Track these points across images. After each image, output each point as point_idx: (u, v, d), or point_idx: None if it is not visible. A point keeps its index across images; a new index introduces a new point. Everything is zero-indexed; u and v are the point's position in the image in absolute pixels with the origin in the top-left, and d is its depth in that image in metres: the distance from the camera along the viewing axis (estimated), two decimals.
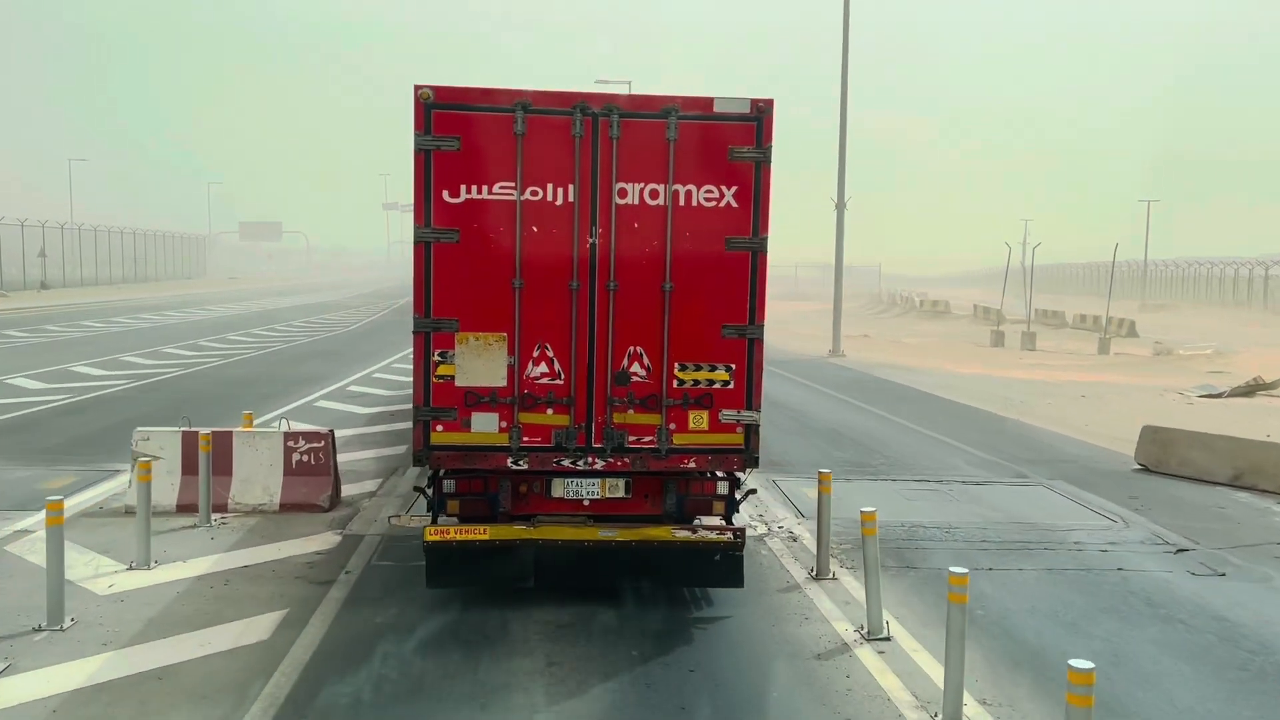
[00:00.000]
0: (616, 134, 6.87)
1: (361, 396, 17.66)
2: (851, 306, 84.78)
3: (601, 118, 6.87)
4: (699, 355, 7.10)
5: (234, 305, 47.89)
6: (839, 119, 28.09)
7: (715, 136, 6.94)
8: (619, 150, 6.88)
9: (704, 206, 6.96)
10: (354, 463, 12.13)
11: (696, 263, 7.00)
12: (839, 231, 28.37)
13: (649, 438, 7.09)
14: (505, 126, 6.81)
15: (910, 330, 49.43)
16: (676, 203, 6.93)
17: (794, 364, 26.25)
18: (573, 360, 7.01)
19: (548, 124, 6.85)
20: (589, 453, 7.08)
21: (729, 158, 6.92)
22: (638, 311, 7.00)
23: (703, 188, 6.95)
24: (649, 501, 7.44)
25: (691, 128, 6.91)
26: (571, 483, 7.29)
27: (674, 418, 7.10)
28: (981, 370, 27.35)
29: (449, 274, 6.90)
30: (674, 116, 6.87)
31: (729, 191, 6.96)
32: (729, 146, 6.92)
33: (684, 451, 7.15)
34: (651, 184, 6.93)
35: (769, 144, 6.96)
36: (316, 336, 30.58)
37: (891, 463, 13.09)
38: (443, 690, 6.01)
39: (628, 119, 6.90)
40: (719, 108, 6.94)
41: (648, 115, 6.93)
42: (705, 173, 6.93)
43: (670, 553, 7.20)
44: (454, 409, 6.98)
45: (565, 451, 7.07)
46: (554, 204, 6.88)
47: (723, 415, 7.19)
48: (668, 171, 6.90)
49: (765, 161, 6.97)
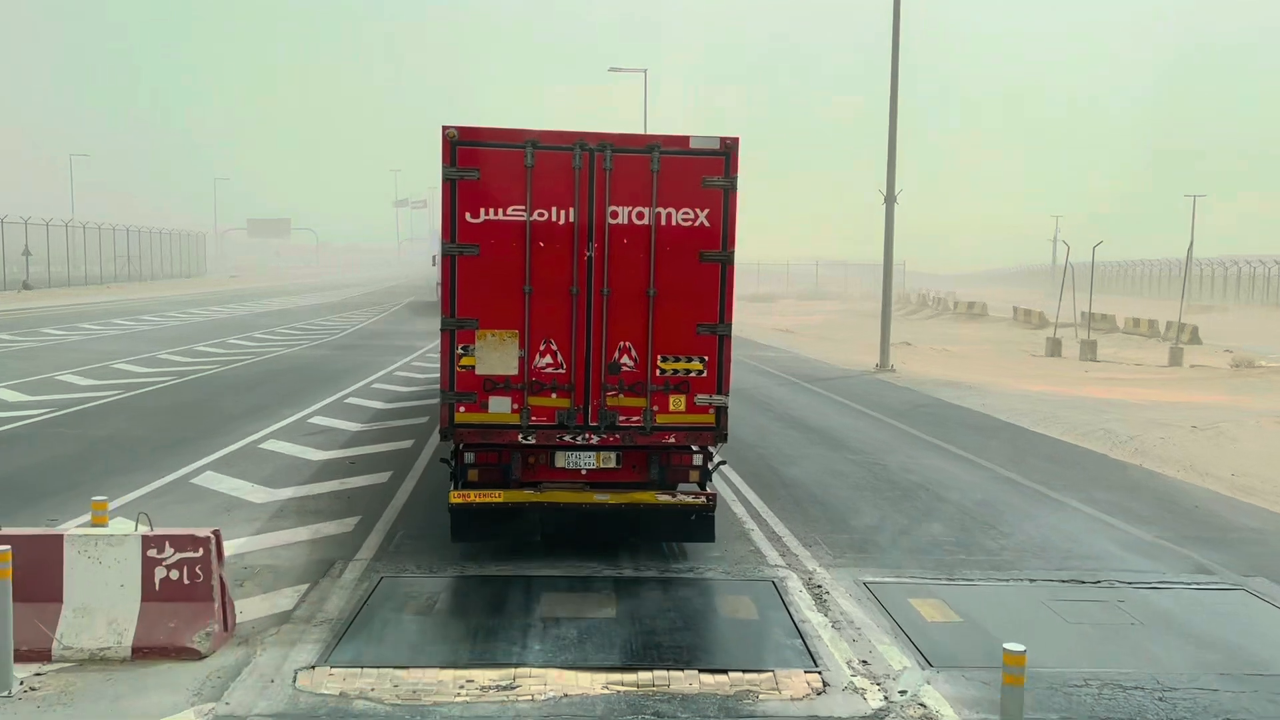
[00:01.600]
0: (609, 166, 8.22)
1: (322, 433, 14.31)
2: (876, 307, 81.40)
3: (597, 152, 8.20)
4: (678, 349, 8.43)
5: (220, 308, 44.66)
6: (889, 106, 24.62)
7: (691, 168, 8.26)
8: (611, 179, 8.23)
9: (681, 226, 8.29)
10: (275, 550, 8.76)
11: (675, 272, 8.33)
12: (888, 227, 24.90)
13: (636, 418, 8.43)
14: (517, 160, 8.14)
15: (949, 335, 45.84)
16: (659, 222, 8.28)
17: (841, 382, 22.77)
18: (573, 353, 8.34)
19: (552, 158, 8.19)
20: (586, 430, 8.41)
21: (702, 185, 8.25)
22: (626, 312, 8.35)
23: (680, 210, 8.28)
24: (636, 471, 8.67)
25: (671, 160, 8.25)
26: (572, 455, 8.56)
27: (657, 401, 8.43)
28: (1051, 387, 23.84)
29: (470, 281, 8.21)
30: (656, 152, 8.24)
31: (702, 213, 8.28)
32: (702, 176, 8.25)
33: (665, 429, 8.47)
34: (638, 207, 8.28)
35: (735, 174, 8.29)
36: (295, 347, 27.25)
37: (1016, 544, 9.64)
38: None
39: (618, 154, 8.22)
40: (694, 144, 8.26)
41: (635, 150, 8.25)
42: (682, 197, 8.27)
43: (654, 513, 8.56)
44: (474, 393, 8.28)
45: (567, 429, 8.39)
46: (557, 223, 8.23)
47: (698, 399, 8.47)
48: (652, 197, 8.26)
49: (732, 188, 8.29)
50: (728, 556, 8.91)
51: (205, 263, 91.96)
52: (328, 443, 13.53)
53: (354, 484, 11.23)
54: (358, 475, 11.62)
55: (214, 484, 11.06)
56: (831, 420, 16.77)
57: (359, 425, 14.97)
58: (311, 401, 17.03)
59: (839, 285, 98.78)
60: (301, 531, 9.35)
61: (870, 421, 16.91)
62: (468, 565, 8.48)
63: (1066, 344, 35.52)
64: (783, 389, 20.95)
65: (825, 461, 13.22)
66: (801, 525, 10.02)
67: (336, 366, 22.55)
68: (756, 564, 8.77)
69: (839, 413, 17.78)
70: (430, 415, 15.77)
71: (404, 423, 15.29)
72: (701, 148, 8.27)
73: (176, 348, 25.60)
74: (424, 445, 13.42)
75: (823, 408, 18.39)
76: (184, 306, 44.76)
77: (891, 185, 24.58)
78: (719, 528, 8.88)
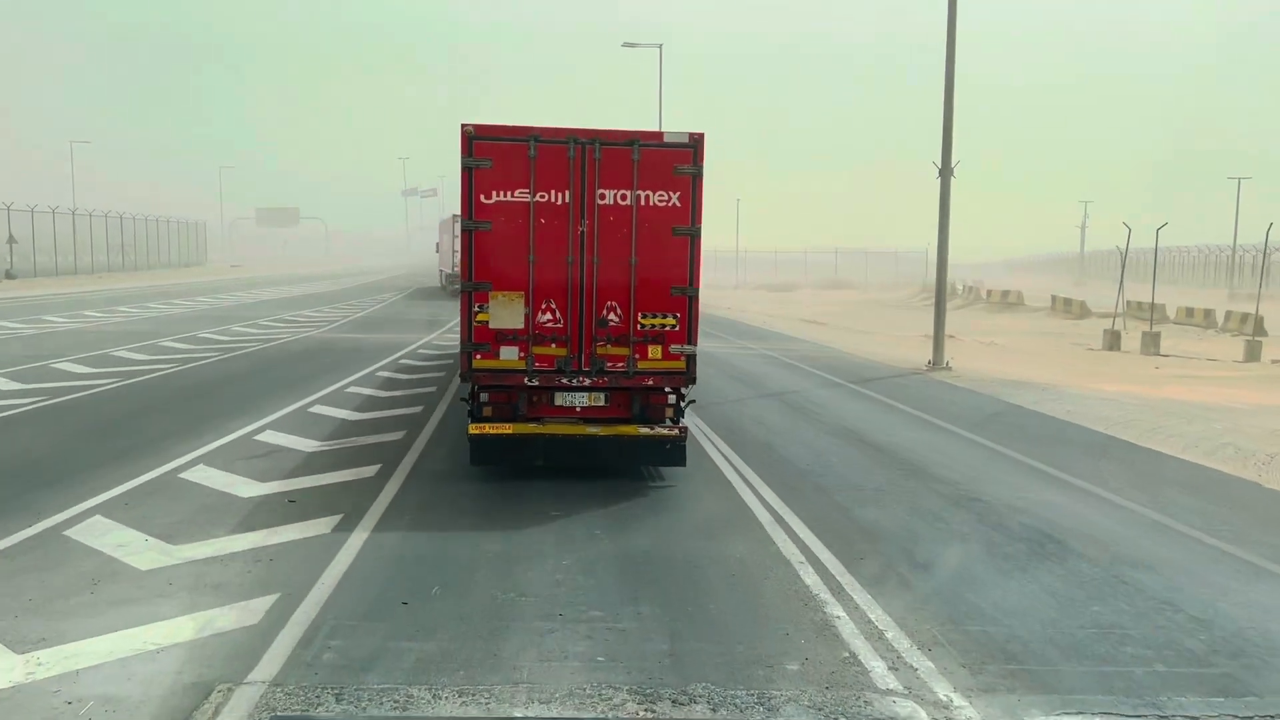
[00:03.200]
0: (598, 157, 9.83)
1: (266, 457, 11.38)
2: (901, 296, 77.97)
3: (588, 145, 9.81)
4: (655, 307, 10.00)
5: (207, 298, 41.89)
6: (944, 69, 21.53)
7: (665, 158, 9.85)
8: (600, 168, 9.84)
9: (657, 206, 9.90)
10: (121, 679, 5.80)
11: (652, 244, 9.91)
12: (943, 202, 21.77)
13: (621, 364, 10.08)
14: (522, 152, 9.75)
15: (990, 326, 42.65)
16: (639, 203, 9.88)
17: (894, 383, 19.73)
18: (569, 310, 9.97)
19: (551, 150, 9.79)
20: (580, 374, 10.06)
21: (674, 172, 9.86)
22: (613, 277, 9.96)
23: (656, 193, 9.88)
24: (621, 408, 10.28)
25: (649, 152, 9.85)
26: (568, 395, 10.20)
27: (638, 350, 10.05)
28: (1128, 387, 20.79)
29: (484, 251, 9.85)
30: (637, 145, 9.84)
31: (674, 195, 9.88)
32: (674, 165, 9.85)
33: (645, 373, 10.09)
34: (622, 190, 9.88)
35: (701, 163, 9.85)
36: (272, 340, 24.38)
37: (1223, 640, 6.61)
38: None
39: (605, 146, 9.83)
40: (667, 139, 9.94)
41: (619, 144, 9.84)
42: (658, 182, 9.87)
43: (636, 443, 10.16)
44: (488, 344, 9.93)
45: (564, 373, 10.05)
46: (555, 204, 9.85)
47: (672, 348, 10.06)
48: (633, 182, 9.86)
49: (698, 175, 9.88)
50: (813, 672, 5.94)
51: (206, 252, 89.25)
52: (269, 471, 10.59)
53: (282, 540, 8.29)
54: (294, 520, 8.69)
55: (93, 540, 8.15)
56: (898, 435, 13.75)
57: (315, 444, 12.04)
58: (264, 413, 14.11)
59: (859, 274, 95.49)
60: (182, 626, 6.40)
61: (946, 437, 13.88)
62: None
63: (1125, 336, 32.37)
64: (828, 392, 17.95)
65: (909, 497, 10.23)
66: (907, 608, 7.02)
67: (303, 370, 19.67)
68: (857, 686, 5.78)
69: (904, 425, 14.75)
70: (407, 428, 12.86)
71: (373, 439, 12.37)
72: (673, 141, 9.87)
73: (137, 343, 22.74)
74: (393, 471, 10.51)
75: (883, 418, 15.38)
76: (169, 296, 42.00)
77: (947, 156, 21.48)
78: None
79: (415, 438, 12.43)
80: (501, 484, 10.19)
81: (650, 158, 9.81)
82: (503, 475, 10.40)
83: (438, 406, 14.89)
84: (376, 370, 19.14)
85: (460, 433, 11.30)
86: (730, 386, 18.22)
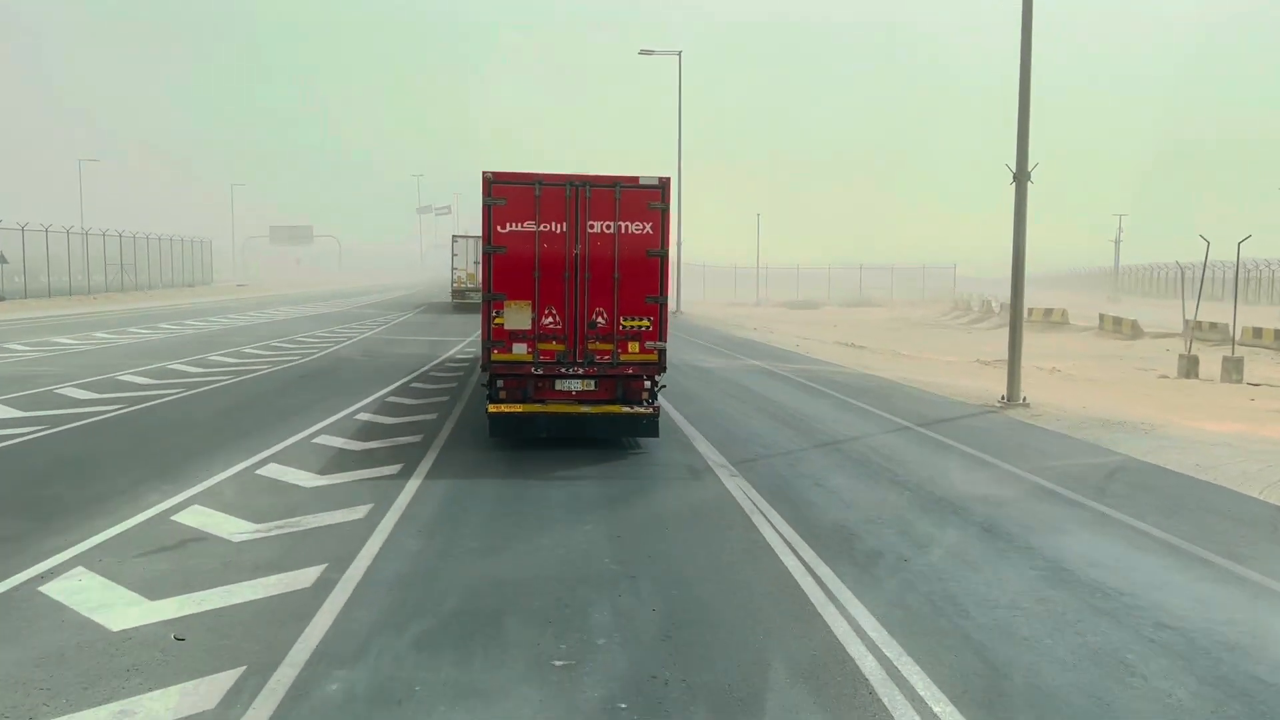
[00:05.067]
0: (588, 196, 12.62)
1: (176, 550, 8.43)
2: (930, 313, 74.52)
3: (580, 187, 12.60)
4: (633, 312, 12.73)
5: (199, 321, 39.15)
6: (1019, 60, 18.55)
7: (640, 196, 12.67)
8: (589, 204, 12.61)
9: (634, 234, 12.68)
10: None
11: (631, 264, 12.70)
12: (1018, 210, 18.72)
13: (607, 356, 12.78)
14: (529, 192, 12.53)
15: (1037, 349, 39.39)
16: (620, 231, 12.67)
17: (968, 425, 16.60)
18: (566, 315, 12.68)
19: (551, 190, 12.58)
20: (575, 365, 12.75)
21: (648, 207, 12.66)
22: (600, 289, 12.69)
23: (634, 223, 12.66)
24: (607, 392, 12.91)
25: (627, 192, 12.67)
26: (566, 381, 12.84)
27: (620, 346, 12.77)
28: (1240, 426, 17.64)
29: (500, 270, 12.58)
30: (618, 187, 12.65)
31: (647, 225, 12.68)
32: (647, 202, 12.66)
33: (625, 364, 12.81)
34: (607, 221, 12.65)
35: (668, 200, 12.66)
36: (245, 375, 21.51)
37: None
38: None
39: (594, 188, 12.63)
40: (642, 182, 12.66)
41: (604, 185, 12.66)
42: (635, 215, 12.66)
43: (619, 419, 12.78)
44: (503, 341, 12.62)
45: (562, 364, 12.74)
46: (555, 232, 12.61)
47: (646, 344, 12.78)
48: (615, 215, 12.64)
49: (666, 209, 12.66)
50: None
51: (212, 271, 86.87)
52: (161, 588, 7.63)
53: None
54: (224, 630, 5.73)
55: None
56: (1013, 512, 10.59)
57: (242, 535, 9.06)
58: (209, 474, 11.17)
59: (884, 292, 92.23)
60: None
61: (1065, 507, 10.78)
62: None
63: (1202, 361, 29.13)
64: (896, 440, 14.87)
65: (1054, 614, 7.15)
66: None
67: (289, 402, 16.75)
68: None
69: (1009, 489, 11.63)
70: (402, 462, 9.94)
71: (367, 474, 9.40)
72: (646, 184, 12.70)
73: (94, 377, 19.89)
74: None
75: (971, 476, 12.31)
76: (156, 320, 39.31)
77: (1023, 159, 18.44)
78: None
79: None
80: (516, 450, 12.89)
81: (628, 196, 12.67)
82: (517, 445, 13.06)
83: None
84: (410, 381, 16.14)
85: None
86: (776, 432, 15.18)
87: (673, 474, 11.99)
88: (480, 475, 11.54)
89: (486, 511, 9.92)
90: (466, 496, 10.51)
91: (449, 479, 11.24)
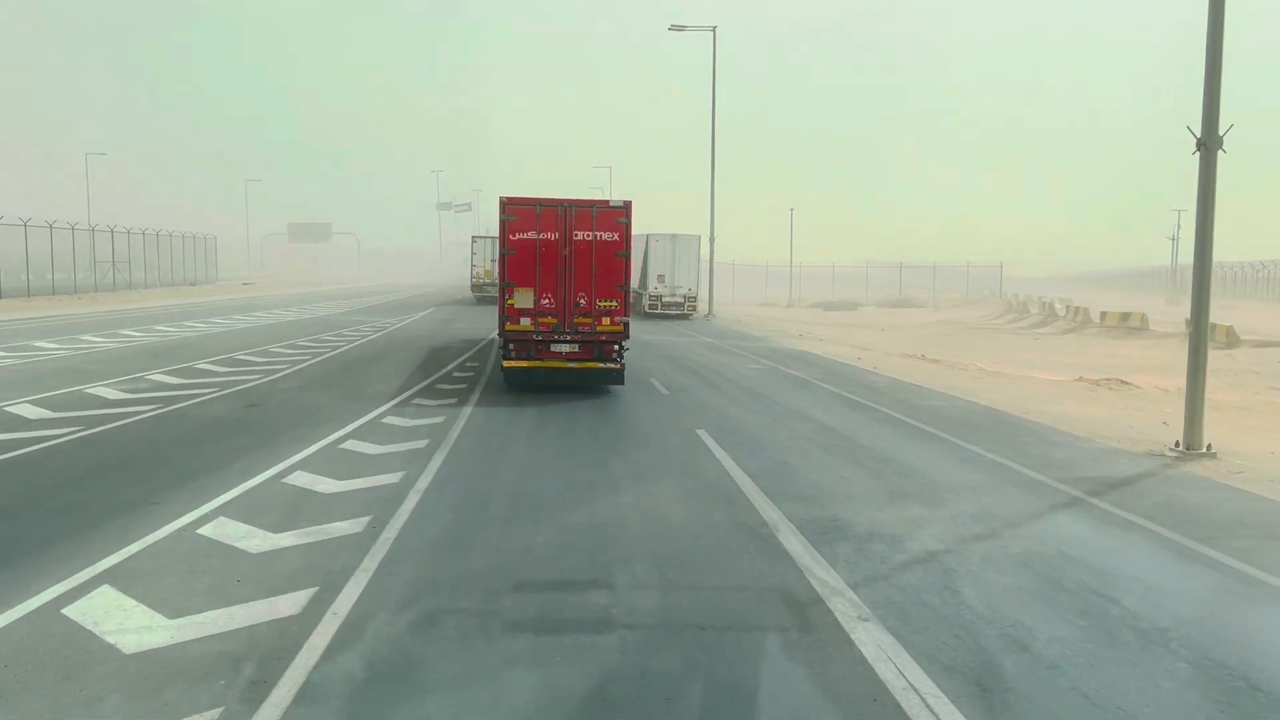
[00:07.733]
0: (574, 213, 18.21)
1: None
2: (979, 315, 69.24)
3: (569, 207, 18.20)
4: (606, 295, 18.24)
5: (171, 328, 34.76)
6: (1208, 10, 13.76)
7: (611, 214, 18.32)
8: (575, 219, 18.19)
9: (606, 240, 18.20)
10: None
11: (604, 261, 18.19)
12: (1203, 187, 13.81)
13: (587, 328, 18.22)
14: (532, 210, 18.14)
15: (1122, 360, 34.40)
16: (596, 239, 18.15)
17: (1148, 491, 11.63)
18: (558, 298, 18.13)
19: (548, 209, 18.17)
20: (564, 334, 18.21)
21: (616, 222, 18.22)
22: (582, 279, 18.14)
23: (606, 233, 18.17)
24: (588, 353, 18.40)
25: (602, 211, 18.36)
26: (558, 345, 18.32)
27: (597, 320, 18.22)
28: None
29: (511, 266, 18.17)
30: (595, 207, 18.42)
31: (616, 234, 18.22)
32: (616, 218, 18.24)
33: (600, 334, 18.30)
34: (588, 231, 18.14)
35: (630, 217, 18.30)
36: (205, 393, 17.00)
37: None
38: None
39: (578, 208, 18.25)
40: (612, 204, 18.54)
41: (585, 206, 18.34)
42: (607, 227, 18.19)
43: (596, 372, 18.49)
44: (514, 316, 18.17)
45: (555, 334, 18.21)
46: (550, 239, 18.09)
47: (616, 319, 18.27)
48: (593, 227, 18.15)
49: (629, 224, 18.28)
50: None
51: (217, 268, 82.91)
52: None
53: None
54: None
55: None
56: None
57: None
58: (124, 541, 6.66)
59: (926, 292, 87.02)
60: None
61: None
62: None
63: None
64: (1079, 529, 10.01)
65: None
66: None
67: (223, 450, 12.20)
68: None
69: None
70: None
71: None
72: (615, 205, 18.48)
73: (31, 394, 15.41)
74: None
75: (1214, 614, 7.55)
76: (140, 323, 35.01)
77: (1213, 122, 13.61)
78: None
79: None
80: (523, 395, 18.34)
81: (603, 213, 18.35)
82: (524, 389, 18.82)
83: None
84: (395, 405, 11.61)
85: None
86: (897, 515, 10.46)
87: (769, 617, 7.37)
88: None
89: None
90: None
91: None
